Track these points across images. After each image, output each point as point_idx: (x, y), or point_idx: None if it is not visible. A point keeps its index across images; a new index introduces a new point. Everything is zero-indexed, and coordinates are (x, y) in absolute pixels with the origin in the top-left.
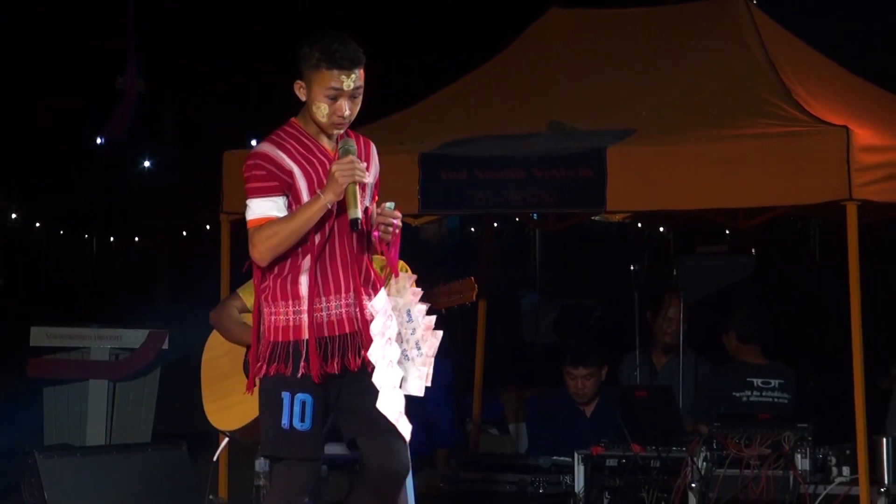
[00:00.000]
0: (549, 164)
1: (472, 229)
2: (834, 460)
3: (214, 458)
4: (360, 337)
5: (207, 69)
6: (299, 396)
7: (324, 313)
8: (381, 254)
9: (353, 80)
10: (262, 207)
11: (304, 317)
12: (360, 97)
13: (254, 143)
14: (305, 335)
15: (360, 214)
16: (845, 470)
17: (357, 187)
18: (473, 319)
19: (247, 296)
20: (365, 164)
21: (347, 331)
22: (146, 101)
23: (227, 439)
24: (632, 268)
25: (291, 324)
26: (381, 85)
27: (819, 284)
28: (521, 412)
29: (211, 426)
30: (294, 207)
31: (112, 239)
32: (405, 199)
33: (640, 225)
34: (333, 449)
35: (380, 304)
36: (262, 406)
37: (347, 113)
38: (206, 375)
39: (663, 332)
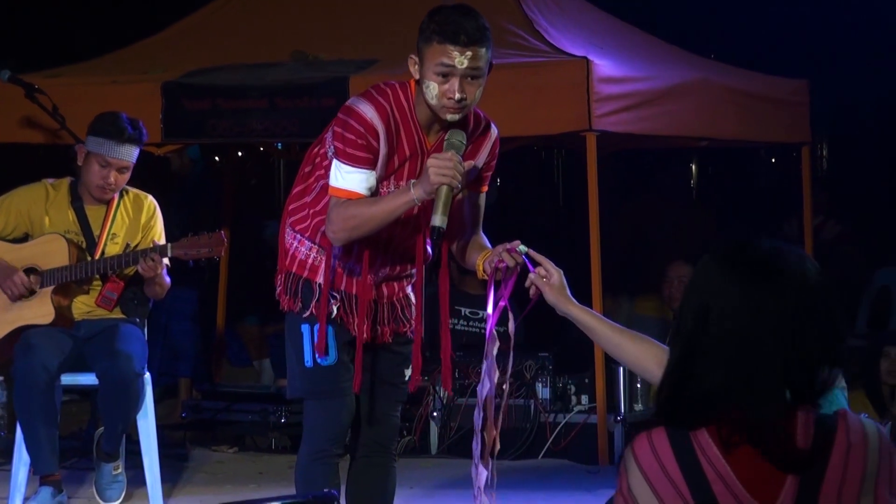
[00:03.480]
0: (292, 93)
1: (217, 158)
2: (573, 389)
3: None
4: (386, 310)
5: None
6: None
7: (350, 277)
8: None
9: (467, 57)
10: (354, 180)
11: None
12: (481, 81)
13: None
14: (320, 279)
15: (444, 224)
16: (584, 399)
17: (451, 191)
18: None
19: None
20: (469, 165)
21: (371, 297)
22: None
23: None
24: None
25: (310, 262)
26: (123, 12)
27: (562, 214)
28: (265, 349)
29: None
30: None
31: None
32: (148, 128)
33: None
34: (76, 378)
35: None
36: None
37: (459, 96)
38: None
39: None
